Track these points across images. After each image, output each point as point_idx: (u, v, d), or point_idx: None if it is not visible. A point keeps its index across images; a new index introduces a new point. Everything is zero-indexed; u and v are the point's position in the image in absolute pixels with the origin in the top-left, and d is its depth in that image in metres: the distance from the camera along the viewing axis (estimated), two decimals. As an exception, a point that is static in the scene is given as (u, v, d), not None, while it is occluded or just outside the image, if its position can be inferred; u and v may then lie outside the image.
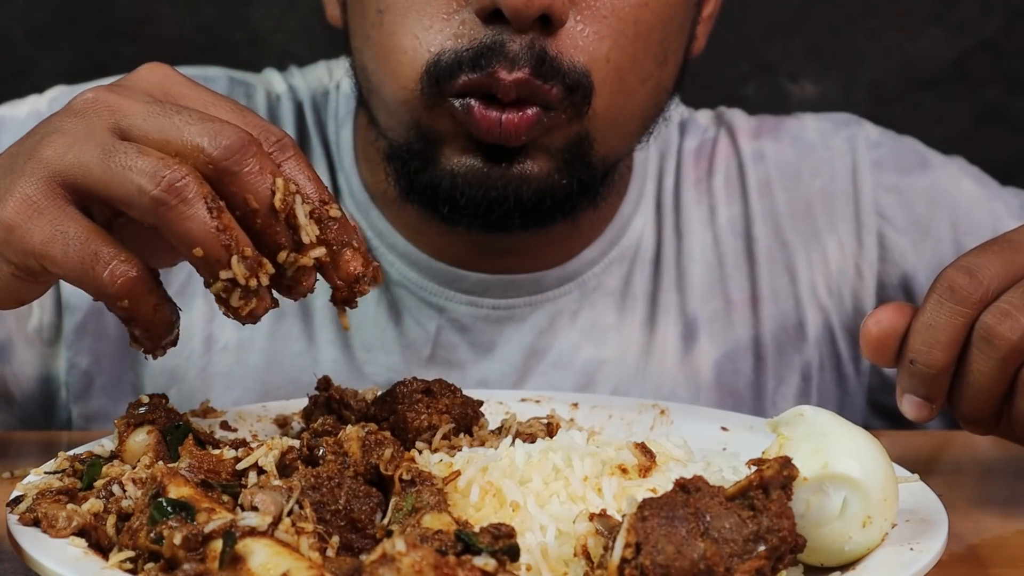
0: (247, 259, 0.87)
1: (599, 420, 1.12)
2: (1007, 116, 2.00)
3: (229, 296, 0.88)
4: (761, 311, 1.39)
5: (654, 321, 1.37)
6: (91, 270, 0.87)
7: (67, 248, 0.88)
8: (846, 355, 1.41)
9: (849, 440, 0.86)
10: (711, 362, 1.37)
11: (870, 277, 1.41)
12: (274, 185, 0.88)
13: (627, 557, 0.77)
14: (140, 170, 0.86)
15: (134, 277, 0.87)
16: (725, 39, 1.97)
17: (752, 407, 1.37)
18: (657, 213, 1.40)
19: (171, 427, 0.96)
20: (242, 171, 0.88)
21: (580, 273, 1.36)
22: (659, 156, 1.42)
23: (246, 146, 0.88)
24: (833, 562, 0.85)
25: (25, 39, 1.90)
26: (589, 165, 1.21)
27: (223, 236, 0.86)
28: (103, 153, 0.88)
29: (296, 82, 1.42)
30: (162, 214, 0.86)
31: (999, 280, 0.95)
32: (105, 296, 0.88)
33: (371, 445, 0.91)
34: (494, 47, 1.13)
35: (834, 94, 1.98)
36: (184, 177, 0.86)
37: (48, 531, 0.85)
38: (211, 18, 1.93)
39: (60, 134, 0.91)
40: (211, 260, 0.87)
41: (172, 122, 0.89)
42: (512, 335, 1.34)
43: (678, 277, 1.38)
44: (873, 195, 1.41)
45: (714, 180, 1.42)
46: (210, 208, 0.86)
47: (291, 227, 0.89)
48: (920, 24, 1.97)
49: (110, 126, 0.90)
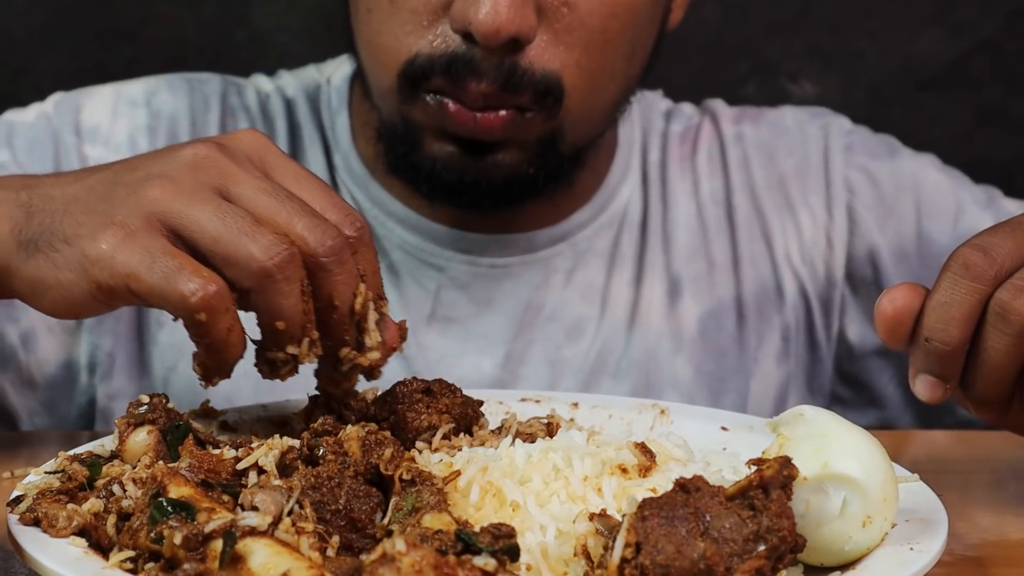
0: (312, 342, 0.96)
1: (599, 420, 1.12)
2: (1007, 116, 2.00)
3: (282, 366, 0.97)
4: (742, 273, 1.46)
5: (640, 279, 1.44)
6: (174, 283, 0.92)
7: (152, 264, 0.92)
8: (819, 322, 1.47)
9: (849, 440, 0.86)
10: (695, 317, 1.44)
11: (840, 248, 1.47)
12: (357, 289, 0.97)
13: (627, 557, 0.77)
14: (256, 240, 0.93)
15: (215, 292, 0.92)
16: (725, 39, 1.97)
17: (736, 361, 1.44)
18: (643, 184, 1.48)
19: (171, 427, 0.96)
20: (335, 272, 0.96)
21: (571, 234, 1.43)
22: (642, 133, 1.50)
23: (344, 250, 0.96)
24: (833, 562, 0.85)
25: (25, 39, 1.90)
26: (557, 155, 1.30)
27: (305, 318, 0.95)
28: (217, 211, 0.94)
29: (284, 82, 1.50)
30: (265, 285, 0.93)
31: (1012, 258, 0.96)
32: (186, 308, 0.92)
33: (371, 445, 0.91)
34: (465, 59, 1.22)
35: (834, 94, 1.98)
36: (293, 258, 0.93)
37: (48, 531, 0.85)
38: (211, 18, 1.93)
39: (167, 179, 0.96)
40: (288, 335, 0.95)
41: (283, 207, 0.96)
42: (510, 290, 1.41)
43: (664, 240, 1.46)
44: (844, 172, 1.49)
45: (698, 157, 1.50)
46: (303, 291, 0.94)
47: (359, 329, 0.99)
48: (920, 24, 1.97)
49: (218, 187, 0.96)
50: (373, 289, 0.99)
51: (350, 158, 1.43)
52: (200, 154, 0.98)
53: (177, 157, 0.98)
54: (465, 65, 1.22)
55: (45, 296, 0.97)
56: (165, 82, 1.46)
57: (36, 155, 1.38)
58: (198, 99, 1.45)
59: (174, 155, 0.99)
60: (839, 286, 1.47)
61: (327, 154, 1.45)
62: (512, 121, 1.24)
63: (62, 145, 1.39)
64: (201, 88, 1.46)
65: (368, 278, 0.98)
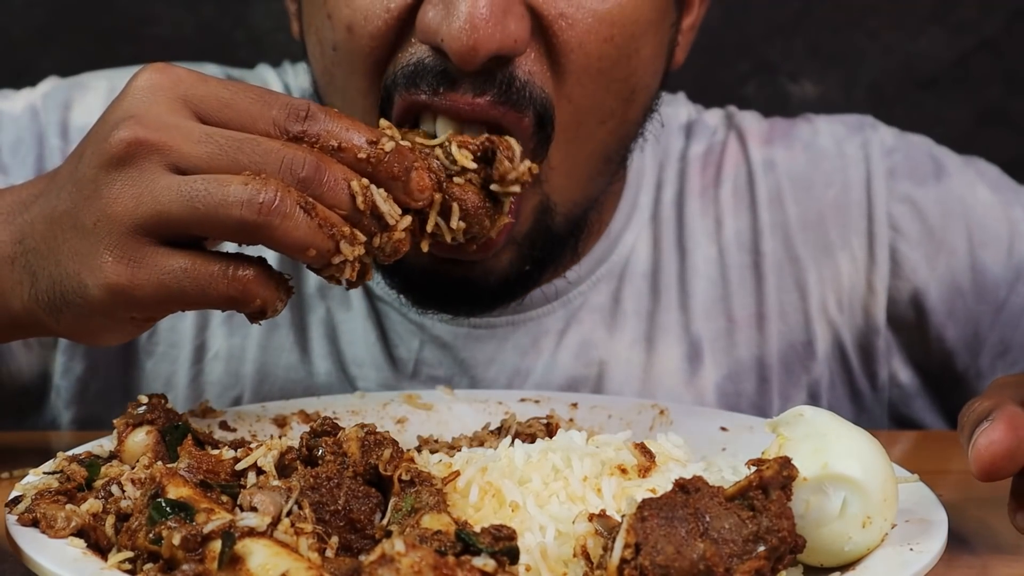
0: (346, 237, 0.93)
1: (599, 420, 1.12)
2: (1007, 116, 2.00)
3: (340, 273, 0.95)
4: (767, 329, 1.36)
5: (652, 340, 1.34)
6: (213, 290, 0.91)
7: (181, 284, 0.91)
8: (858, 371, 1.38)
9: (849, 440, 0.85)
10: (712, 384, 1.34)
11: (882, 292, 1.37)
12: (351, 190, 0.93)
13: (626, 557, 0.77)
14: (234, 201, 0.89)
15: (253, 276, 0.92)
16: (725, 39, 1.97)
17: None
18: (654, 226, 1.36)
19: (170, 427, 0.96)
20: (322, 192, 0.92)
21: (565, 292, 1.32)
22: (658, 166, 1.38)
23: (317, 168, 0.92)
24: (833, 562, 0.85)
25: (25, 39, 1.90)
26: (551, 237, 1.17)
27: (326, 230, 0.92)
28: (178, 193, 0.90)
29: (290, 79, 1.42)
30: (268, 235, 0.90)
31: None
32: (237, 304, 0.92)
33: (370, 445, 0.91)
34: (437, 70, 1.06)
35: (834, 94, 1.98)
36: (277, 194, 0.89)
37: (47, 531, 0.84)
38: (211, 18, 1.93)
39: (120, 187, 0.92)
40: (323, 253, 0.92)
41: (236, 160, 0.91)
42: (495, 355, 1.31)
43: (680, 295, 1.35)
44: (887, 207, 1.38)
45: (721, 190, 1.38)
46: (306, 211, 0.90)
47: (375, 216, 0.95)
48: (920, 24, 1.97)
49: (166, 166, 0.92)
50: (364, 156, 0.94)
51: None
52: (124, 141, 0.92)
53: (110, 159, 0.93)
54: (438, 76, 1.06)
55: (97, 338, 0.98)
56: None
57: (19, 158, 1.33)
58: None
59: (106, 157, 0.93)
60: (882, 331, 1.38)
61: None
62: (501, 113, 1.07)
63: (46, 148, 1.34)
64: None
65: (347, 140, 0.94)
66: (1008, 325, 1.38)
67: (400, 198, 0.96)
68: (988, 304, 1.38)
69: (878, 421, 1.40)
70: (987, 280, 1.37)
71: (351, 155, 0.94)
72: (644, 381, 1.33)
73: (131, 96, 0.95)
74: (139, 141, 0.92)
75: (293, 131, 0.93)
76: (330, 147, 0.94)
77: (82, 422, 1.34)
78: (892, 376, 1.39)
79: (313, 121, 0.94)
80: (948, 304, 1.38)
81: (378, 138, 0.95)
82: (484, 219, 1.02)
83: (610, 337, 1.33)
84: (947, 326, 1.38)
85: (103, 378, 1.34)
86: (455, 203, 1.00)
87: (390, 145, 0.95)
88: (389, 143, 0.95)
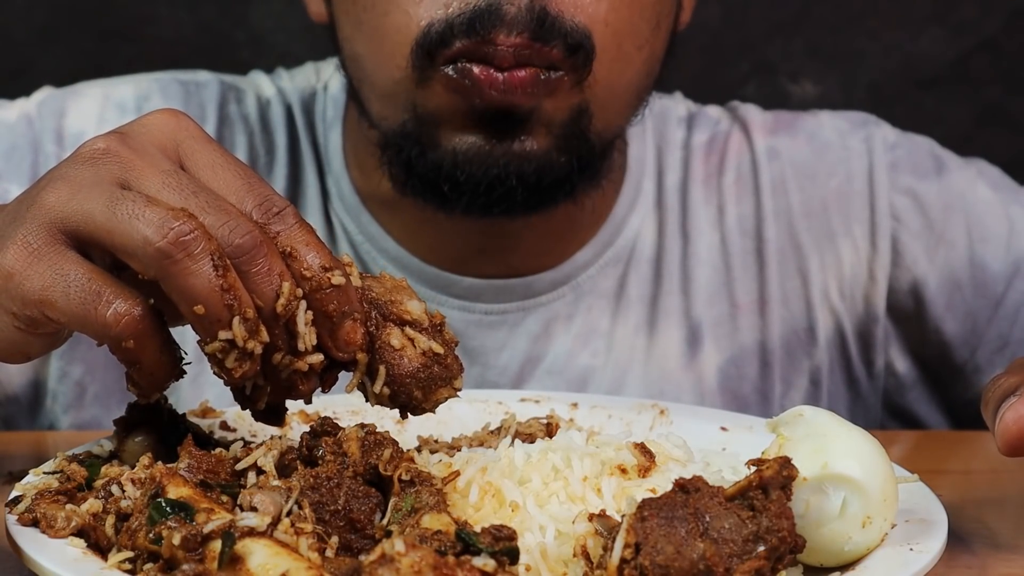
0: (248, 321, 0.85)
1: (599, 420, 1.12)
2: (1007, 116, 2.00)
3: (224, 357, 0.86)
4: (769, 315, 1.37)
5: (654, 325, 1.36)
6: (93, 310, 0.84)
7: (68, 290, 0.85)
8: (856, 358, 1.40)
9: (849, 440, 0.86)
10: (715, 368, 1.36)
11: (882, 281, 1.39)
12: (280, 288, 0.86)
13: (626, 557, 0.77)
14: (148, 220, 0.83)
15: (139, 315, 0.84)
16: (725, 39, 1.97)
17: (758, 412, 1.35)
18: (658, 211, 1.38)
19: (170, 427, 0.96)
20: (251, 271, 0.85)
21: (573, 276, 1.34)
22: (657, 152, 1.40)
23: (258, 247, 0.85)
24: (833, 562, 0.85)
25: (25, 39, 1.90)
26: (587, 141, 1.19)
27: (227, 296, 0.84)
28: (108, 201, 0.85)
29: (284, 84, 1.41)
30: (166, 267, 0.83)
31: None
32: (109, 337, 0.85)
33: (370, 445, 0.91)
34: (490, 10, 1.11)
35: (834, 94, 1.98)
36: (193, 231, 0.83)
37: (47, 531, 0.84)
38: (211, 18, 1.93)
39: (64, 180, 0.88)
40: (212, 319, 0.84)
41: (188, 202, 0.85)
42: (506, 341, 1.33)
43: (683, 280, 1.37)
44: (888, 197, 1.39)
45: (724, 178, 1.40)
46: (216, 266, 0.83)
47: (289, 333, 0.87)
48: (920, 24, 1.97)
49: (118, 179, 0.87)
50: (309, 275, 0.87)
51: (342, 182, 1.35)
52: (98, 148, 0.89)
53: (76, 156, 0.90)
54: (491, 16, 1.10)
55: None
56: (158, 85, 1.39)
57: (14, 163, 1.33)
58: (194, 107, 1.37)
59: (74, 155, 0.90)
60: (881, 320, 1.40)
61: (320, 176, 1.37)
62: (542, 81, 1.13)
63: (42, 153, 1.33)
64: (198, 94, 1.39)
65: (302, 254, 0.87)
66: (1006, 320, 1.39)
67: (323, 338, 0.89)
68: (986, 299, 1.39)
69: (873, 410, 1.41)
70: (985, 275, 1.39)
71: (298, 267, 0.87)
72: (645, 364, 1.35)
73: (134, 122, 0.93)
74: (109, 151, 0.89)
75: (257, 218, 0.87)
76: (284, 249, 0.87)
77: (81, 426, 1.33)
78: (889, 365, 1.41)
79: (281, 220, 0.88)
80: (947, 297, 1.39)
81: (331, 267, 0.88)
82: (414, 389, 0.92)
83: (614, 323, 1.35)
84: (945, 319, 1.40)
85: (101, 380, 1.33)
86: (382, 366, 0.91)
87: (339, 280, 0.87)
88: (339, 278, 0.88)
